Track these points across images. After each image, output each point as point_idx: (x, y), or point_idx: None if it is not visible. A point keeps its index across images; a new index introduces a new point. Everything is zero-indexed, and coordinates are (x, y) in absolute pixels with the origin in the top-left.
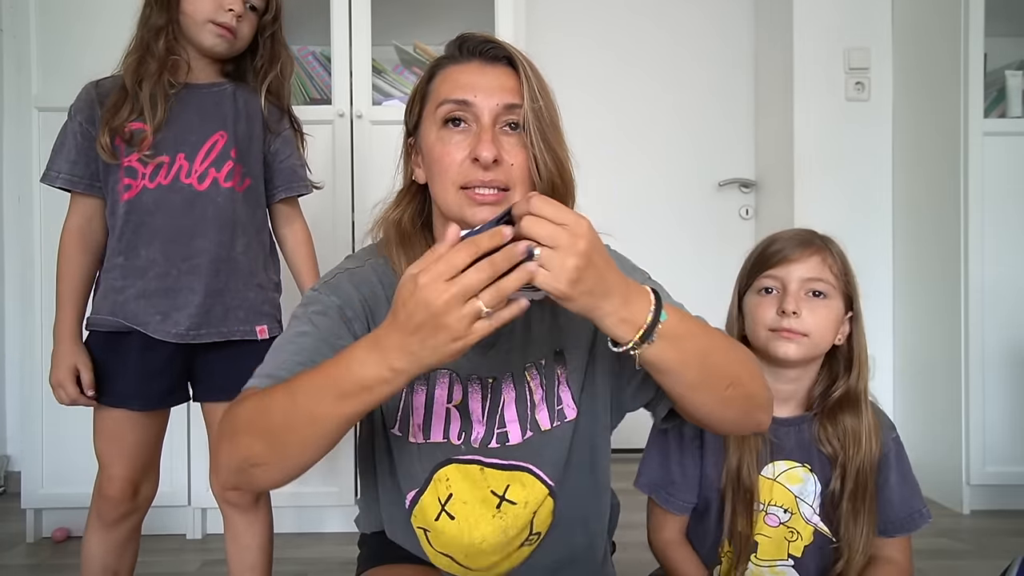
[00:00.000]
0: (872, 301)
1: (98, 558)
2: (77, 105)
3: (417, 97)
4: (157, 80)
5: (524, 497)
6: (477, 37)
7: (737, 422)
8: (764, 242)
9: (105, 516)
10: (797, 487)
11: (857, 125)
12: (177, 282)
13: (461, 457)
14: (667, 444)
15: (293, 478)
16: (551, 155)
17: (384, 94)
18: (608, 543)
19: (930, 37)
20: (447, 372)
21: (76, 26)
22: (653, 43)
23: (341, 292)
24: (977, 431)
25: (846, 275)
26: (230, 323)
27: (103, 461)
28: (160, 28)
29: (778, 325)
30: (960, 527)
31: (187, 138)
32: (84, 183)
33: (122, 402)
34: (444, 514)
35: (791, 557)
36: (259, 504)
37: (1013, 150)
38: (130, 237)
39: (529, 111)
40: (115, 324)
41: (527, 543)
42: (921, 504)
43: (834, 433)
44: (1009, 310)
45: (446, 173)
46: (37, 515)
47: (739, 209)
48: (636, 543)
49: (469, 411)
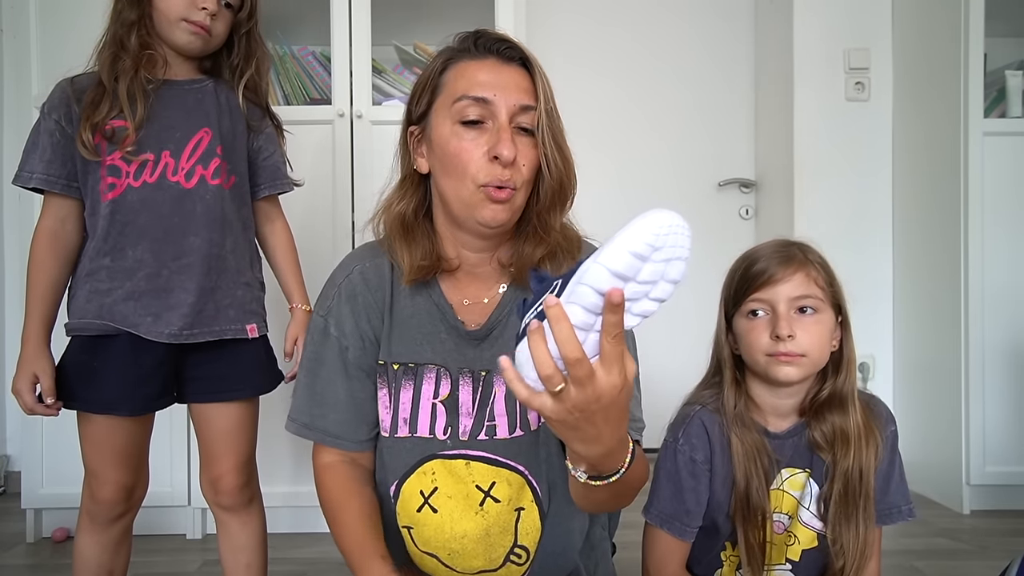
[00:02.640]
0: (872, 301)
1: (93, 559)
2: (51, 103)
3: (427, 87)
4: (134, 76)
5: (508, 495)
6: (493, 34)
7: (594, 513)
8: (744, 261)
9: (98, 519)
10: (799, 492)
11: (857, 125)
12: (168, 282)
13: (447, 452)
14: (678, 473)
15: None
16: (561, 156)
17: (384, 94)
18: (608, 544)
19: (930, 37)
20: (434, 367)
21: (76, 26)
22: (652, 44)
23: (342, 322)
24: (977, 431)
25: (832, 285)
26: (222, 322)
27: (92, 466)
28: (132, 23)
29: (774, 350)
30: (960, 527)
31: (171, 135)
32: (61, 183)
33: (109, 408)
34: (427, 507)
35: (789, 561)
36: (251, 504)
37: (1013, 150)
38: (116, 238)
39: (543, 113)
40: (103, 327)
41: (513, 559)
42: (904, 502)
43: (822, 434)
44: (1009, 310)
45: (465, 169)
46: (37, 515)
47: (739, 209)
48: (636, 543)
49: (458, 404)
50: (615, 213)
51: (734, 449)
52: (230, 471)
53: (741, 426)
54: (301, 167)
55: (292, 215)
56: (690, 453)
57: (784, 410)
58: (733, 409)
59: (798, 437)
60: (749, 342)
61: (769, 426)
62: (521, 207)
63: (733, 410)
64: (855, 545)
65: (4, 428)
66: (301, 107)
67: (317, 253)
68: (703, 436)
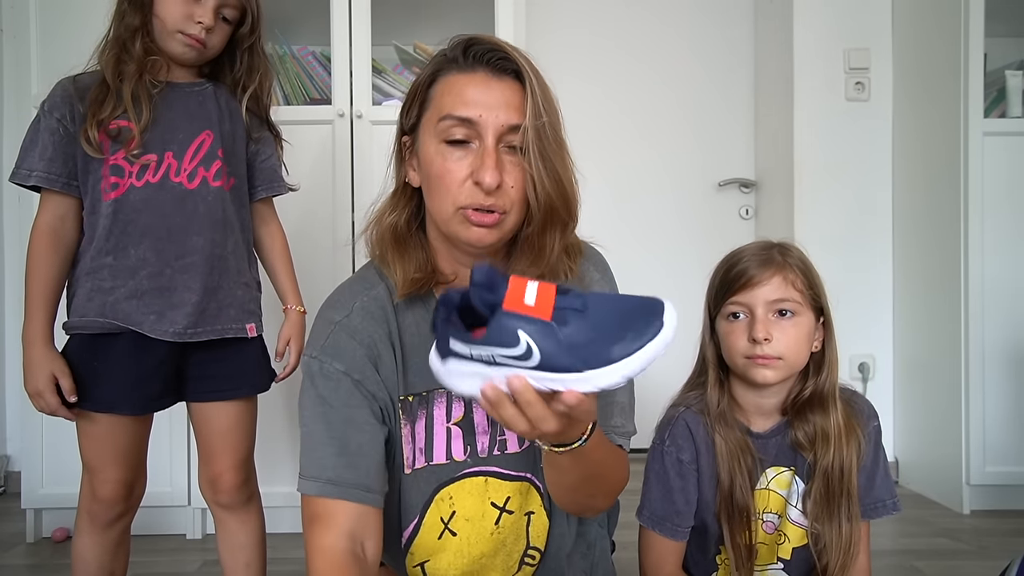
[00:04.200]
0: (872, 301)
1: (94, 561)
2: (52, 101)
3: (416, 99)
4: (138, 80)
5: (519, 504)
6: (485, 44)
7: (574, 511)
8: (725, 263)
9: (99, 519)
10: (785, 491)
11: (857, 125)
12: (171, 281)
13: (467, 471)
14: (666, 473)
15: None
16: (550, 175)
17: (384, 94)
18: (607, 542)
19: (930, 37)
20: (444, 391)
21: (76, 26)
22: (653, 43)
23: (343, 355)
24: (977, 431)
25: (811, 287)
26: (223, 321)
27: (93, 465)
28: (136, 29)
29: (751, 352)
30: (960, 527)
31: (174, 136)
32: (61, 181)
33: (111, 407)
34: (447, 532)
35: (780, 560)
36: (250, 503)
37: (1013, 150)
38: (118, 236)
39: (531, 128)
40: (105, 325)
41: (527, 560)
42: (888, 495)
43: (804, 434)
44: (1009, 310)
45: (447, 191)
46: (37, 515)
47: (739, 209)
48: (635, 543)
49: (473, 424)
50: (615, 213)
51: (718, 448)
52: (228, 469)
53: (724, 425)
54: (301, 167)
55: (292, 215)
56: (676, 454)
57: (766, 409)
58: (716, 408)
59: (781, 436)
60: (728, 344)
61: (752, 426)
62: (513, 229)
63: (716, 409)
64: (838, 543)
65: (4, 428)
66: (301, 107)
67: (317, 252)
68: (688, 437)
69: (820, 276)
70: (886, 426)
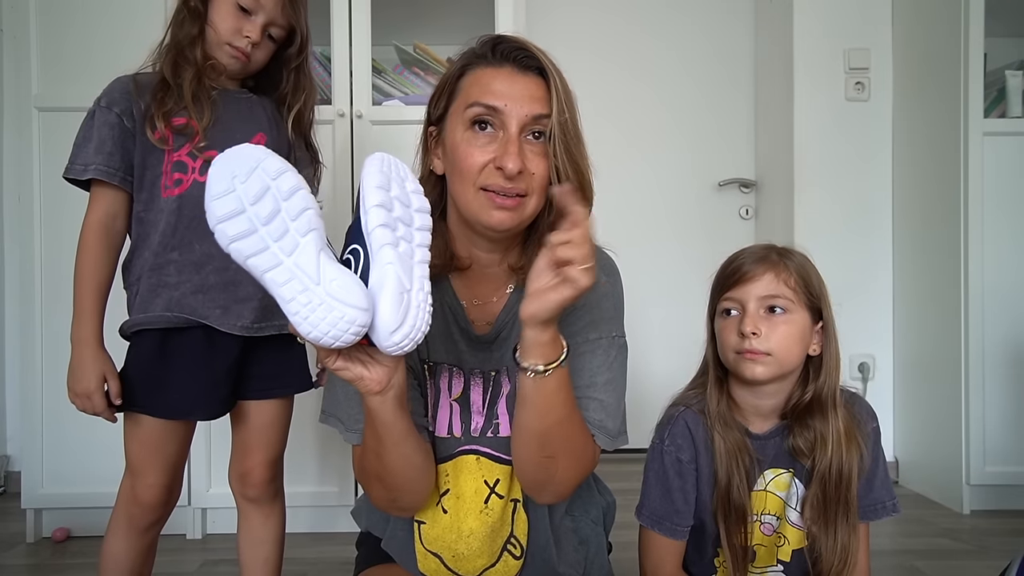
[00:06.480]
0: (872, 300)
1: (125, 563)
2: (111, 96)
3: (445, 91)
4: (198, 84)
5: (507, 488)
6: (512, 42)
7: (529, 484)
8: (725, 262)
9: (138, 522)
10: (784, 493)
11: (857, 125)
12: (236, 275)
13: (462, 448)
14: (665, 473)
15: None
16: (572, 166)
17: (384, 94)
18: (603, 539)
19: (930, 37)
20: (448, 366)
21: (76, 26)
22: (653, 43)
23: None
24: (977, 431)
25: (807, 287)
26: (281, 316)
27: (139, 467)
28: (195, 37)
29: (741, 347)
30: (960, 527)
31: (232, 136)
32: (119, 176)
33: (187, 415)
34: (439, 507)
35: (780, 562)
36: (276, 499)
37: (1013, 150)
38: (183, 232)
39: (556, 123)
40: (172, 320)
41: (509, 548)
42: (888, 497)
43: (804, 440)
44: (1009, 310)
45: (467, 174)
46: (37, 515)
47: (739, 209)
48: (633, 543)
49: (470, 402)
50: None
51: (716, 447)
52: (261, 464)
53: (723, 425)
54: None
55: None
56: (676, 453)
57: (764, 411)
58: (716, 408)
59: (779, 439)
60: (721, 340)
61: (751, 427)
62: (532, 214)
63: (716, 409)
64: (833, 550)
65: (4, 428)
66: None
67: None
68: (687, 436)
69: (823, 281)
70: (886, 426)
